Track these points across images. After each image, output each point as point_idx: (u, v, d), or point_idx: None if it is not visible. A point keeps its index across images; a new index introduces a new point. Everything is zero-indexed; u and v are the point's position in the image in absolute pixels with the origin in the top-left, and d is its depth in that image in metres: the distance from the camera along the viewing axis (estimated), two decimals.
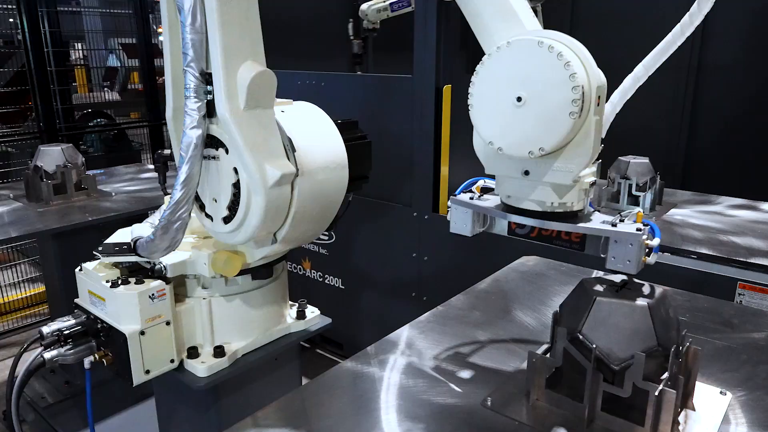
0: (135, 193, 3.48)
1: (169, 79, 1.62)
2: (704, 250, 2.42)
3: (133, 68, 6.96)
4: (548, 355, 1.29)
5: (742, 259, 2.32)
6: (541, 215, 1.24)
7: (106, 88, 7.22)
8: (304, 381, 1.95)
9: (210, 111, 1.51)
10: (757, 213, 3.01)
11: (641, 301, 1.18)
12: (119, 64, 7.19)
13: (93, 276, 1.69)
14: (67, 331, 1.66)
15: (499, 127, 1.18)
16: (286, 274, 2.00)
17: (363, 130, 1.91)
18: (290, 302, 2.05)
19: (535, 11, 2.91)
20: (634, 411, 1.22)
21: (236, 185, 1.54)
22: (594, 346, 1.16)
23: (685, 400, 1.27)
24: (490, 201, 1.35)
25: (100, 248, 1.73)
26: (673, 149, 4.44)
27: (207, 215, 1.65)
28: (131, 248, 1.64)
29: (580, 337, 1.18)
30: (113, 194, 3.41)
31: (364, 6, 4.31)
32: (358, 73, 4.28)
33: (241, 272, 1.71)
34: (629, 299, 1.19)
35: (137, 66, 6.44)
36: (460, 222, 1.38)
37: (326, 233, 3.57)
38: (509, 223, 1.35)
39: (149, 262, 1.69)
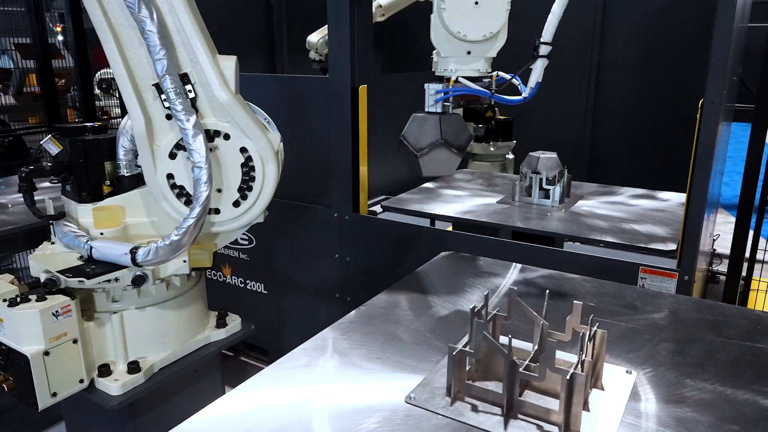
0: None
1: (131, 95, 1.63)
2: (609, 238, 2.58)
3: (29, 70, 6.48)
4: (468, 348, 1.33)
5: (643, 245, 2.49)
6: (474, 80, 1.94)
7: None
8: (228, 391, 1.90)
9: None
10: (656, 201, 3.24)
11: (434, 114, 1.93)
12: (13, 66, 6.68)
13: None
14: None
15: (464, 22, 1.84)
16: (204, 282, 1.94)
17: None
18: (210, 311, 1.99)
19: None
20: (549, 394, 1.28)
21: (245, 164, 1.72)
22: (406, 139, 1.94)
23: (594, 381, 1.35)
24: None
25: (74, 274, 1.59)
26: (578, 144, 4.70)
27: (212, 210, 1.77)
28: (131, 260, 1.61)
29: (403, 140, 1.95)
30: (10, 206, 3.16)
31: (311, 37, 4.16)
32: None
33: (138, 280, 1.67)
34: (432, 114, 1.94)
35: (33, 67, 6.02)
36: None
37: (246, 237, 3.50)
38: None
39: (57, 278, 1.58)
